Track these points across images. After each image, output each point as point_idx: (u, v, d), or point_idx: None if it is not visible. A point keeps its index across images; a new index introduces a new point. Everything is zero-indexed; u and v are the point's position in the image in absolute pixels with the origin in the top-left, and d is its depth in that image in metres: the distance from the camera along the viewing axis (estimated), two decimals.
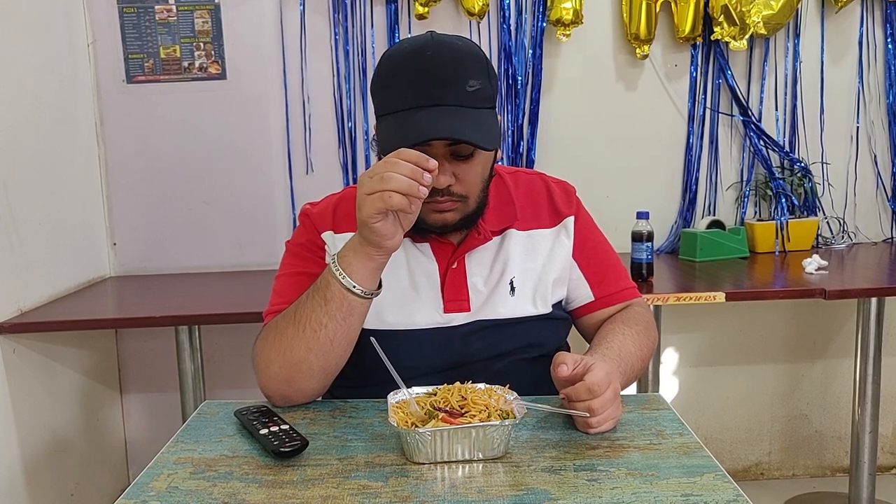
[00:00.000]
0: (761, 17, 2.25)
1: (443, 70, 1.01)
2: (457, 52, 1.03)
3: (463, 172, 1.05)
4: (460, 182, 1.05)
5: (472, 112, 1.01)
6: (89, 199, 2.27)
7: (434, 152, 1.01)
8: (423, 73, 1.01)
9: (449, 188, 1.04)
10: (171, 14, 2.26)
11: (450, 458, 0.86)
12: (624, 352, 1.09)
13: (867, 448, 2.10)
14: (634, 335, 1.15)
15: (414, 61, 1.02)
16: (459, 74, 1.01)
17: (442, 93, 1.00)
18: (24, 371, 1.85)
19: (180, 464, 0.89)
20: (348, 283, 0.98)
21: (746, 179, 2.41)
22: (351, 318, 1.01)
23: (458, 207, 1.07)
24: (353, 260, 0.98)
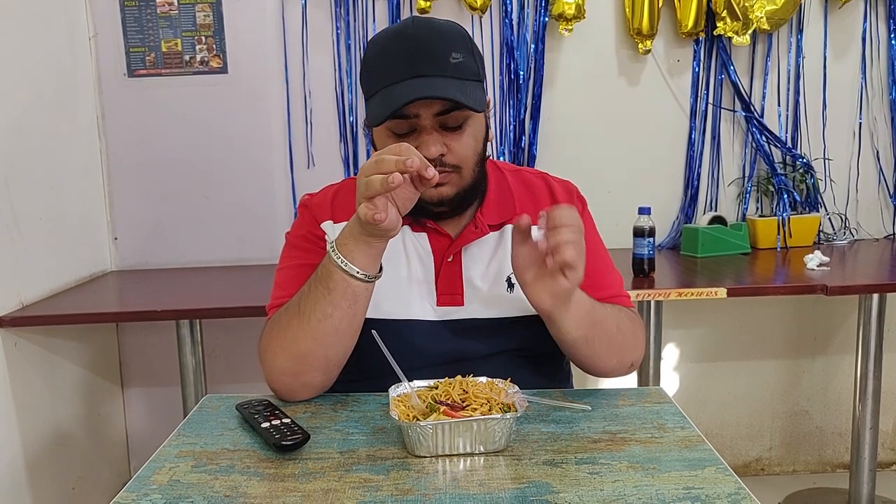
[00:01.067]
0: (764, 13, 2.24)
1: (425, 45, 1.03)
2: (438, 28, 1.06)
3: (454, 143, 1.05)
4: (452, 153, 1.05)
5: (455, 81, 1.02)
6: (90, 193, 2.27)
7: (422, 124, 1.03)
8: (406, 49, 1.03)
9: (441, 159, 1.04)
10: (173, 7, 2.26)
11: (451, 452, 0.86)
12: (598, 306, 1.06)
13: (868, 444, 2.11)
14: (618, 314, 1.11)
15: (397, 40, 1.05)
16: (441, 48, 1.03)
17: (425, 65, 1.02)
18: (26, 365, 1.85)
19: (182, 457, 0.89)
20: (351, 269, 0.98)
21: (748, 175, 2.41)
22: (356, 304, 1.01)
23: (452, 180, 1.06)
24: (354, 247, 0.98)
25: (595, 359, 1.08)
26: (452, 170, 1.06)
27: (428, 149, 1.02)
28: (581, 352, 1.07)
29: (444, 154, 1.04)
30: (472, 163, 1.08)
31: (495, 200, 1.15)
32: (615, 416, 0.98)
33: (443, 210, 1.09)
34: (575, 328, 1.02)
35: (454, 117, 1.04)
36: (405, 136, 1.05)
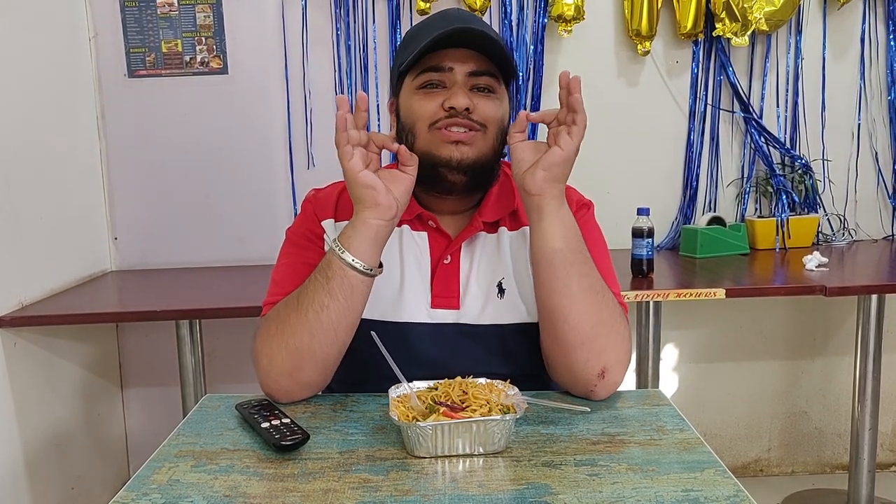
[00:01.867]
0: (763, 14, 2.25)
1: (465, 16, 1.11)
2: (479, 17, 1.18)
3: (482, 104, 1.07)
4: (478, 111, 1.06)
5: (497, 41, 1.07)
6: (90, 193, 2.27)
7: (454, 78, 1.07)
8: (449, 18, 1.10)
9: (468, 114, 1.05)
10: (173, 8, 2.26)
11: (450, 453, 0.87)
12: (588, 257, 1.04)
13: (867, 445, 2.11)
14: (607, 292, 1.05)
15: (440, 14, 1.14)
16: (483, 24, 1.11)
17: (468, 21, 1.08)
18: (25, 365, 1.85)
19: (181, 457, 0.89)
20: (348, 258, 0.98)
21: (747, 176, 2.41)
22: (353, 298, 1.00)
23: (476, 139, 1.06)
24: (353, 233, 0.99)
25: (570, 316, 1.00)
26: (479, 127, 1.07)
27: (458, 99, 1.04)
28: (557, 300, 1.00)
29: (470, 110, 1.05)
30: (496, 128, 1.08)
31: (496, 198, 1.14)
32: (614, 417, 0.98)
33: (458, 179, 1.07)
34: (559, 237, 1.01)
35: (486, 81, 1.07)
36: (434, 92, 1.07)
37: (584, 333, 1.01)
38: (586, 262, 1.03)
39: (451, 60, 1.06)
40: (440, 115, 1.06)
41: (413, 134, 1.08)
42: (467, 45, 1.06)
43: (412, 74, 1.09)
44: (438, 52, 1.06)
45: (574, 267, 1.01)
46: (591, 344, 1.01)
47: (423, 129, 1.07)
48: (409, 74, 1.10)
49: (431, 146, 1.06)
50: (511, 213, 1.15)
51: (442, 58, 1.06)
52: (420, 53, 1.05)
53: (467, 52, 1.07)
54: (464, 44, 1.06)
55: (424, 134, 1.07)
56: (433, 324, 1.10)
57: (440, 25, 1.07)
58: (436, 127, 1.06)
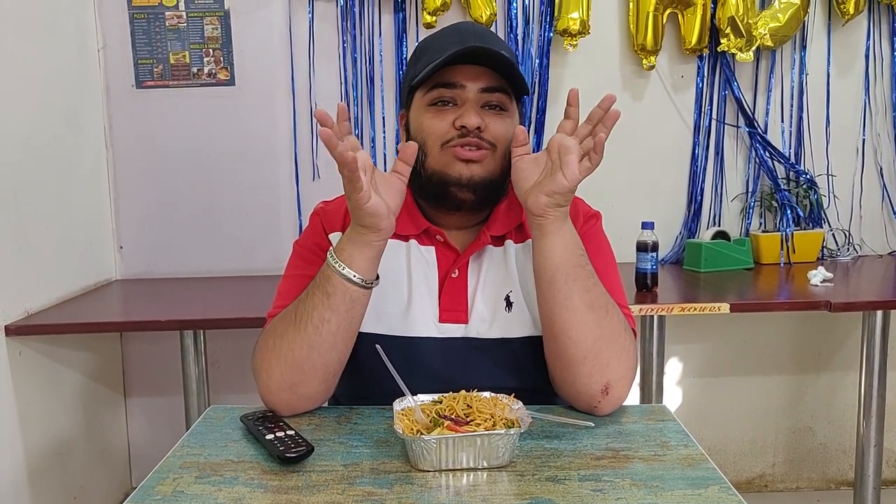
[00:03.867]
0: (768, 30, 2.26)
1: (479, 31, 1.11)
2: (492, 31, 1.18)
3: (493, 122, 1.07)
4: (489, 130, 1.07)
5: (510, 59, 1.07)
6: (97, 203, 2.28)
7: (465, 95, 1.07)
8: (463, 32, 1.11)
9: (479, 133, 1.06)
10: (181, 20, 2.28)
11: (454, 466, 0.87)
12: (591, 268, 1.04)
13: (872, 462, 2.09)
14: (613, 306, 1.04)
15: (453, 28, 1.14)
16: (496, 40, 1.12)
17: (481, 38, 1.08)
18: (30, 373, 1.86)
19: (186, 468, 0.90)
20: (349, 273, 0.98)
21: (752, 190, 2.41)
22: (353, 310, 1.01)
23: (486, 157, 1.07)
24: (353, 251, 0.99)
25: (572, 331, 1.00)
26: (489, 146, 1.07)
27: (469, 118, 1.05)
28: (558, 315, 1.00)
29: (482, 129, 1.06)
30: (504, 146, 1.08)
31: (504, 212, 1.14)
32: (618, 433, 0.98)
33: (467, 197, 1.07)
34: (560, 252, 1.01)
35: (498, 98, 1.08)
36: (445, 109, 1.08)
37: (587, 348, 1.01)
38: (589, 278, 1.02)
39: (463, 77, 1.06)
40: (452, 135, 1.06)
41: (424, 152, 1.08)
42: (483, 62, 1.06)
43: (423, 89, 1.09)
44: (450, 67, 1.07)
45: (576, 283, 1.01)
46: (594, 359, 1.01)
47: (435, 147, 1.07)
48: (421, 89, 1.10)
49: (442, 165, 1.07)
50: (517, 226, 1.15)
51: (454, 74, 1.07)
52: (433, 69, 1.05)
53: (479, 69, 1.07)
54: (479, 61, 1.06)
55: (436, 153, 1.07)
56: (441, 338, 1.10)
57: (454, 40, 1.07)
58: (448, 146, 1.07)
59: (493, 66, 1.06)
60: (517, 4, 2.29)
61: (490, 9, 2.21)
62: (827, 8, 2.36)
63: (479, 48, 1.04)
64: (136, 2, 2.26)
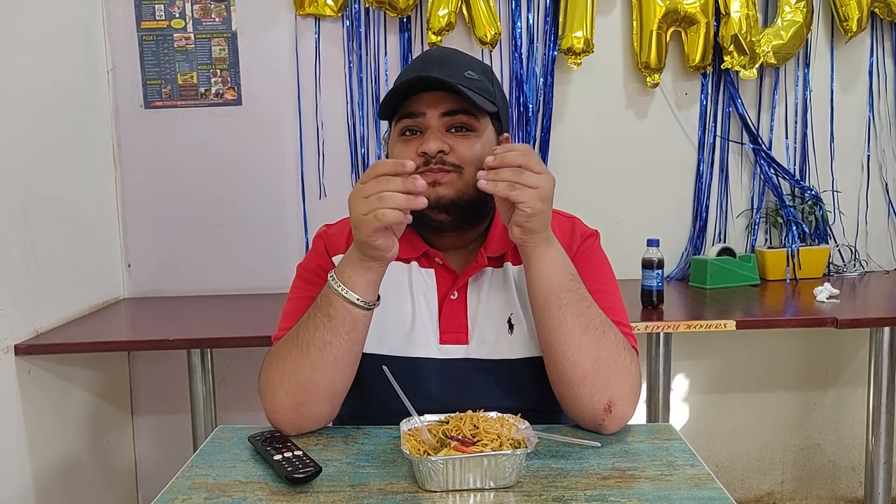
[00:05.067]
0: (771, 47, 2.27)
1: (440, 58, 1.12)
2: (457, 52, 1.17)
3: (459, 144, 1.08)
4: (454, 152, 1.07)
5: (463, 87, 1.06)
6: (105, 222, 2.30)
7: (427, 122, 1.08)
8: (423, 61, 1.13)
9: (442, 155, 1.06)
10: (189, 41, 2.31)
11: (461, 487, 0.87)
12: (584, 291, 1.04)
13: (881, 479, 2.08)
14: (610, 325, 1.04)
15: (420, 57, 1.18)
16: (457, 63, 1.11)
17: (436, 69, 1.08)
18: (38, 392, 1.86)
19: (195, 489, 0.90)
20: (351, 296, 0.99)
21: (757, 207, 2.42)
22: (355, 331, 1.02)
23: (450, 179, 1.07)
24: (354, 274, 1.00)
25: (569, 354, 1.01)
26: (452, 168, 1.07)
27: (428, 144, 1.06)
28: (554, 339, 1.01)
29: (445, 152, 1.06)
30: (474, 167, 1.07)
31: (499, 233, 1.14)
32: (624, 452, 0.98)
33: (444, 218, 1.08)
34: (549, 277, 1.01)
35: (460, 119, 1.08)
36: (412, 139, 1.09)
37: (585, 370, 1.02)
38: (581, 301, 1.03)
39: (423, 105, 1.08)
40: (418, 162, 1.06)
41: None
42: (437, 87, 1.07)
43: (395, 120, 1.12)
44: (414, 97, 1.08)
45: (568, 307, 1.02)
46: (594, 379, 1.02)
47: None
48: (393, 120, 1.12)
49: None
50: (514, 247, 1.15)
51: (416, 103, 1.08)
52: (391, 102, 1.08)
53: (440, 94, 1.07)
54: (434, 87, 1.07)
55: None
56: (443, 359, 1.10)
57: (415, 69, 1.10)
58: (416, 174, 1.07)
59: (450, 89, 1.06)
60: (521, 23, 2.31)
61: (494, 28, 2.23)
62: (830, 25, 2.37)
63: (426, 77, 1.05)
64: (144, 23, 2.29)
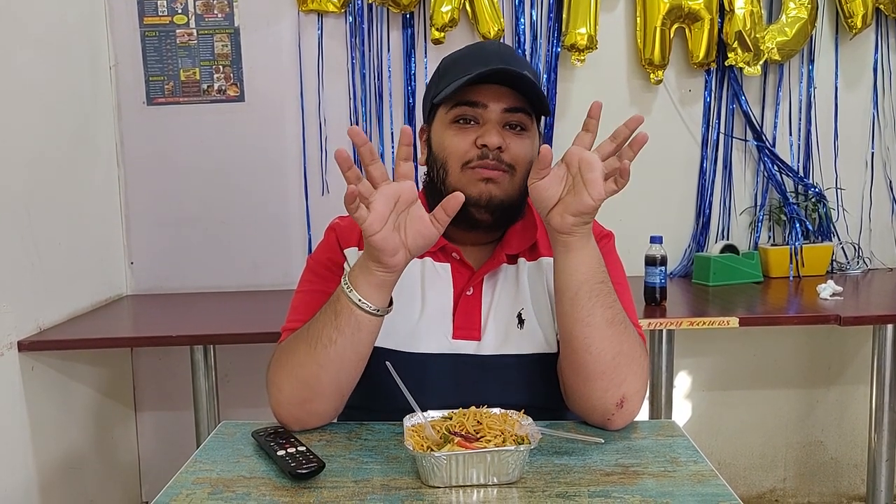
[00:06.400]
0: (775, 44, 2.26)
1: (504, 53, 1.11)
2: (515, 51, 1.18)
3: (514, 143, 1.08)
4: (509, 151, 1.08)
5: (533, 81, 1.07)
6: (108, 219, 2.30)
7: (488, 115, 1.08)
8: (485, 52, 1.12)
9: (499, 153, 1.07)
10: (192, 37, 2.30)
11: (465, 483, 0.87)
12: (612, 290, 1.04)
13: (884, 476, 2.08)
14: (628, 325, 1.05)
15: (474, 48, 1.15)
16: (518, 62, 1.11)
17: (507, 61, 1.08)
18: (42, 388, 1.87)
19: (198, 484, 0.90)
20: (355, 297, 0.98)
21: (760, 204, 2.41)
22: (359, 333, 1.00)
23: (504, 179, 1.08)
24: (359, 275, 0.99)
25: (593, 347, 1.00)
26: (507, 168, 1.08)
27: (491, 137, 1.06)
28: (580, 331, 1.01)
29: (502, 149, 1.07)
30: (524, 169, 1.08)
31: (519, 232, 1.15)
32: (628, 448, 0.98)
33: (485, 218, 1.08)
34: (585, 269, 1.01)
35: (519, 118, 1.09)
36: (467, 125, 1.09)
37: (606, 364, 1.02)
38: (610, 294, 1.03)
39: (486, 97, 1.07)
40: (472, 155, 1.07)
41: (445, 170, 1.10)
42: (504, 82, 1.07)
43: (446, 107, 1.11)
44: (474, 86, 1.08)
45: (598, 299, 1.01)
46: (612, 374, 1.02)
47: (456, 167, 1.09)
48: (443, 106, 1.11)
49: (462, 185, 1.07)
50: (531, 245, 1.16)
51: (477, 93, 1.08)
52: (458, 87, 1.06)
53: (502, 89, 1.08)
54: (500, 81, 1.07)
55: (457, 172, 1.08)
56: (452, 354, 1.10)
57: (478, 60, 1.08)
58: (468, 167, 1.08)
59: (516, 86, 1.07)
60: (525, 20, 2.31)
61: (498, 24, 2.23)
62: (834, 22, 2.36)
63: (504, 70, 1.05)
64: (147, 19, 2.29)
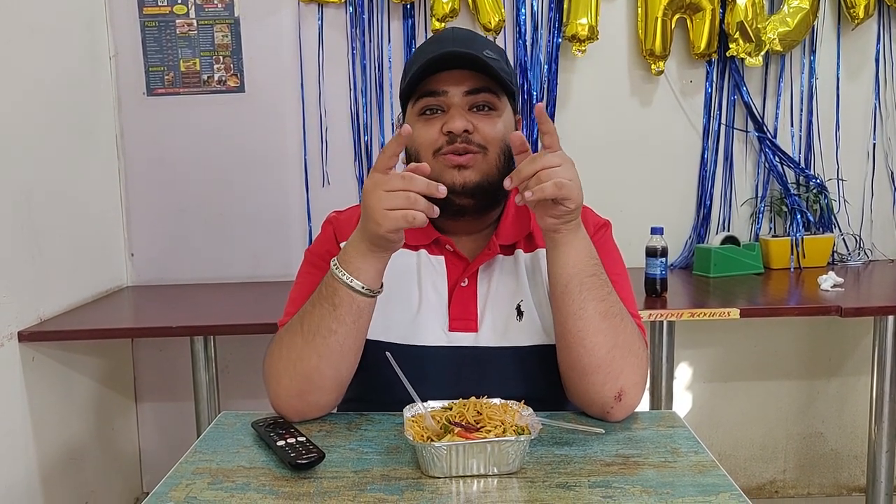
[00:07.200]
0: (777, 34, 2.25)
1: (459, 38, 1.11)
2: (473, 32, 1.17)
3: (482, 124, 1.07)
4: (479, 131, 1.07)
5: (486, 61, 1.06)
6: (108, 210, 2.30)
7: (451, 101, 1.07)
8: (442, 40, 1.11)
9: (467, 135, 1.06)
10: (192, 28, 2.29)
11: (465, 473, 0.87)
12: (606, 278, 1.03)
13: (884, 468, 2.08)
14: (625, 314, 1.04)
15: (434, 37, 1.16)
16: (476, 43, 1.10)
17: (458, 46, 1.08)
18: (42, 379, 1.87)
19: (198, 474, 0.90)
20: (357, 285, 0.99)
21: (761, 195, 2.41)
22: (360, 319, 1.01)
23: (477, 161, 1.07)
24: (361, 263, 0.99)
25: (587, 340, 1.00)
26: (478, 149, 1.07)
27: (454, 122, 1.05)
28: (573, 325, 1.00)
29: (469, 132, 1.06)
30: (498, 147, 1.08)
31: (511, 221, 1.15)
32: (628, 439, 0.98)
33: (467, 203, 1.08)
34: (574, 262, 1.00)
35: (484, 98, 1.08)
36: (433, 115, 1.09)
37: (601, 357, 1.01)
38: (603, 286, 1.02)
39: (445, 83, 1.07)
40: (441, 142, 1.07)
41: (418, 160, 1.09)
42: (460, 65, 1.07)
43: (412, 100, 1.11)
44: (434, 75, 1.08)
45: (590, 292, 1.01)
46: (608, 367, 1.01)
47: (428, 156, 1.08)
48: (410, 100, 1.12)
49: (437, 173, 1.06)
50: (527, 235, 1.15)
51: (437, 81, 1.08)
52: (414, 80, 1.07)
53: (463, 73, 1.07)
54: (457, 65, 1.07)
55: (429, 161, 1.07)
56: (450, 346, 1.10)
57: (432, 49, 1.08)
58: (439, 154, 1.08)
59: (474, 67, 1.07)
60: (526, 10, 2.29)
61: (498, 14, 2.22)
62: (836, 12, 2.35)
63: (453, 52, 1.05)
64: (147, 10, 2.28)
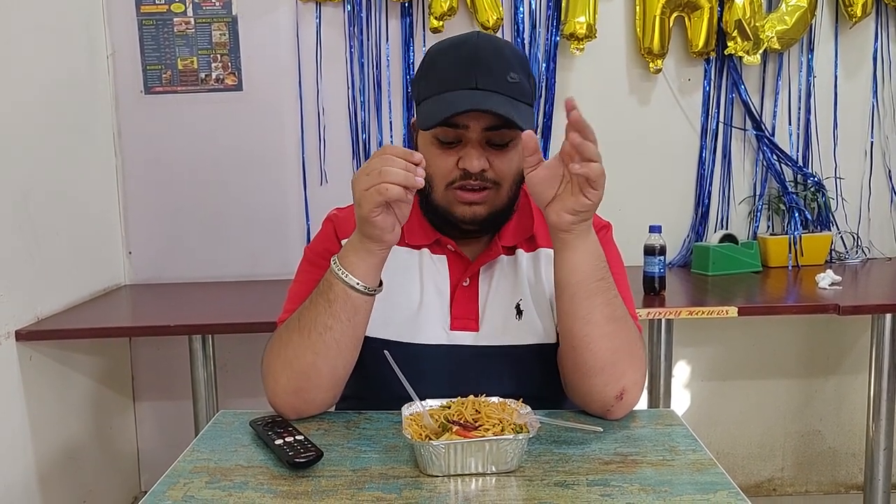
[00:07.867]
0: (775, 32, 2.25)
1: (484, 59, 1.05)
2: (499, 45, 1.09)
3: (497, 160, 1.06)
4: (493, 168, 1.06)
5: (510, 100, 1.03)
6: (106, 208, 2.29)
7: (469, 136, 1.05)
8: (465, 59, 1.05)
9: (483, 173, 1.05)
10: (190, 26, 2.29)
11: (463, 472, 0.87)
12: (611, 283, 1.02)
13: (881, 465, 2.09)
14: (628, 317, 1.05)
15: (456, 50, 1.08)
16: (500, 65, 1.05)
17: (482, 77, 1.03)
18: (40, 377, 1.87)
19: (196, 473, 0.90)
20: (351, 280, 0.99)
21: (759, 194, 2.41)
22: (356, 317, 1.01)
23: (488, 197, 1.07)
24: (355, 259, 0.99)
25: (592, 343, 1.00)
26: (492, 185, 1.07)
27: (471, 162, 1.04)
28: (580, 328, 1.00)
29: (485, 169, 1.05)
30: (510, 181, 1.08)
31: (515, 222, 1.15)
32: (627, 437, 0.98)
33: (473, 229, 1.09)
34: (584, 266, 0.99)
35: (501, 135, 1.05)
36: (449, 146, 1.07)
37: (605, 359, 1.01)
38: (609, 290, 1.02)
39: (466, 118, 1.03)
40: (455, 175, 1.06)
41: (430, 186, 1.08)
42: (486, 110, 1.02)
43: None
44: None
45: (598, 296, 1.01)
46: (612, 369, 1.01)
47: (440, 186, 1.08)
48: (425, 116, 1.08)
49: (447, 203, 1.07)
50: (528, 237, 1.16)
51: (457, 117, 1.03)
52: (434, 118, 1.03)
53: None
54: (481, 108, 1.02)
55: (441, 191, 1.08)
56: (450, 345, 1.10)
57: (459, 72, 1.03)
58: (452, 187, 1.07)
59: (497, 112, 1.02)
60: (524, 9, 2.29)
61: (497, 13, 2.21)
62: (834, 10, 2.35)
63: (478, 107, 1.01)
64: (144, 8, 2.28)
